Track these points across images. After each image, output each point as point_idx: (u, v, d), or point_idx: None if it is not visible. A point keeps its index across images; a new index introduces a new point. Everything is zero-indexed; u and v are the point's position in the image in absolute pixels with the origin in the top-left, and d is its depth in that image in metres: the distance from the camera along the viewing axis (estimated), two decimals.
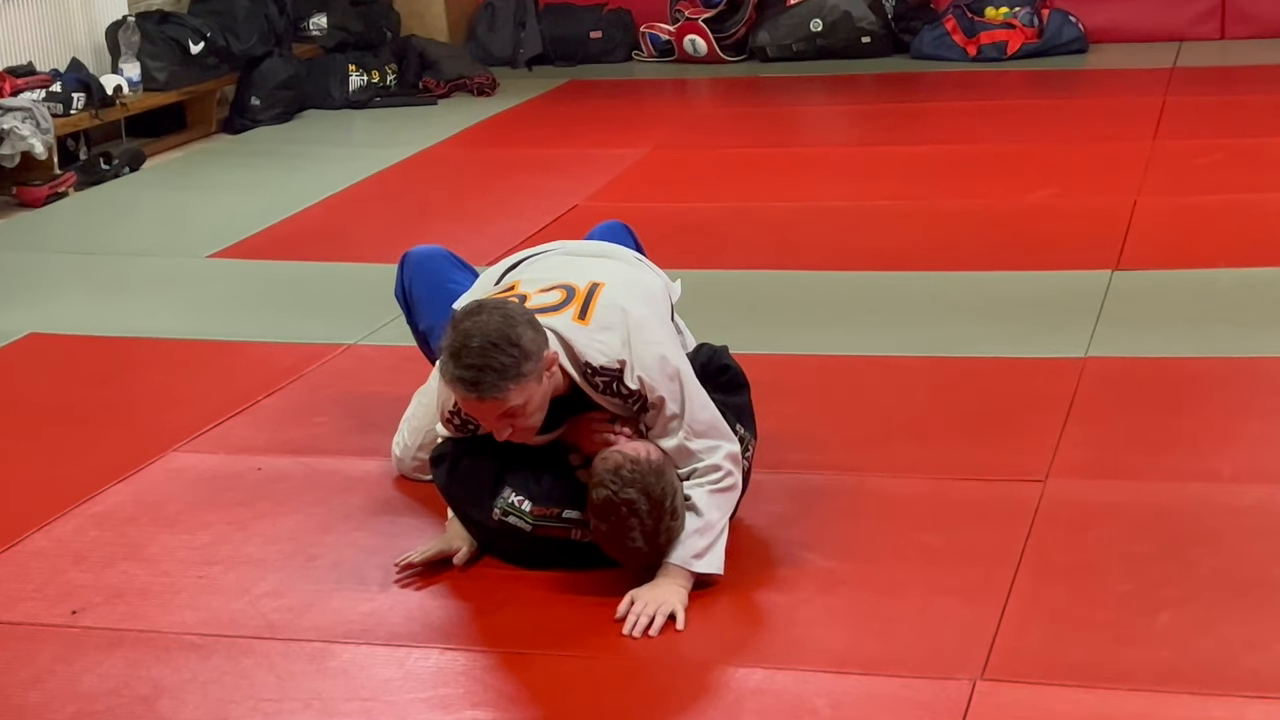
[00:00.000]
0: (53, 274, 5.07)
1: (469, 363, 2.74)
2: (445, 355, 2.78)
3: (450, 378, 2.77)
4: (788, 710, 2.52)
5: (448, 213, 5.50)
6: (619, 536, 2.79)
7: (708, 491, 2.89)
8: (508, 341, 2.75)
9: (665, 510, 2.78)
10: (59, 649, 2.78)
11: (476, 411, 2.81)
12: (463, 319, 2.80)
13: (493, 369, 2.73)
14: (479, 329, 2.76)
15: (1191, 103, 6.50)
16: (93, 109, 6.29)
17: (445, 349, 2.79)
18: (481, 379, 2.73)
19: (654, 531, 2.79)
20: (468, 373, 2.74)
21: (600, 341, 2.86)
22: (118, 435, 3.73)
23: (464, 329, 2.77)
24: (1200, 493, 3.16)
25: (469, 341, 2.75)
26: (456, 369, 2.75)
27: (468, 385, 2.75)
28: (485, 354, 2.73)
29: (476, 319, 2.78)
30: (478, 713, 2.54)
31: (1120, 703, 2.47)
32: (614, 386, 2.86)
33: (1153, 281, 4.41)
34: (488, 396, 2.75)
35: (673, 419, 2.89)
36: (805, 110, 7.17)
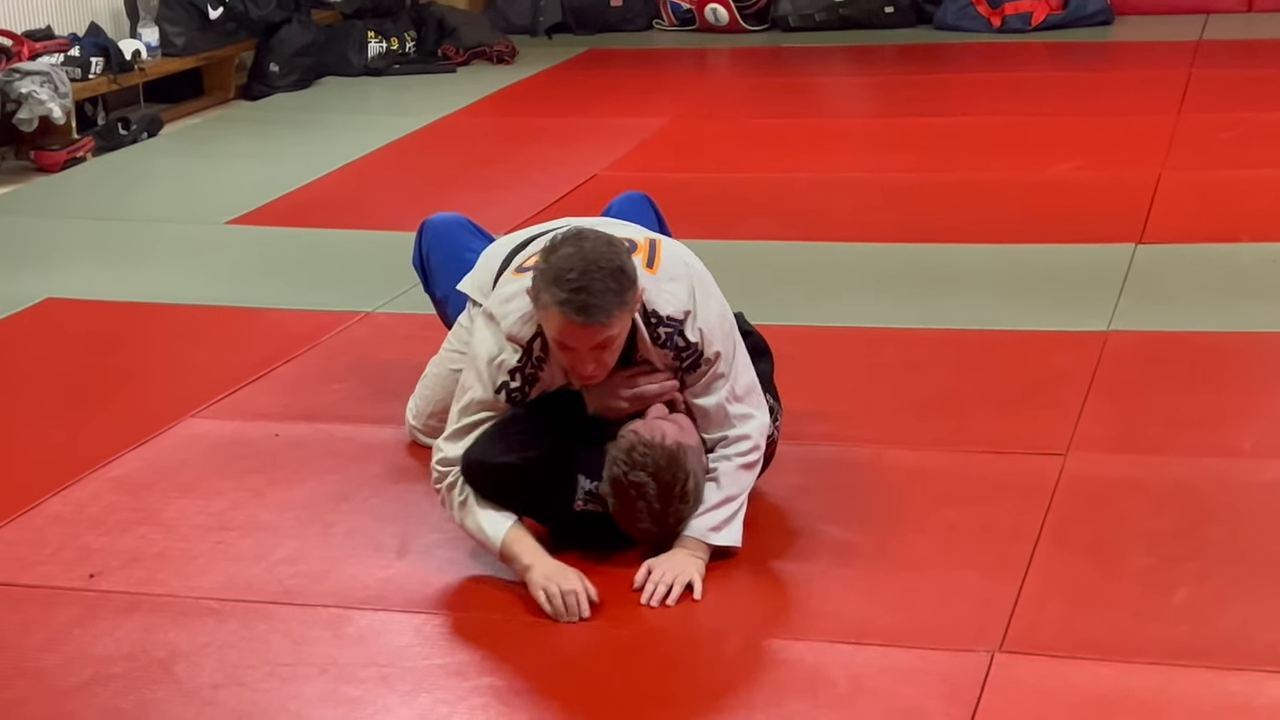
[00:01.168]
0: (70, 239, 5.07)
1: (579, 285, 2.66)
2: (546, 280, 2.69)
3: (554, 302, 2.67)
4: (805, 681, 2.51)
5: (466, 181, 5.48)
6: (628, 515, 2.78)
7: (735, 466, 2.87)
8: (615, 267, 2.70)
9: (674, 495, 2.76)
10: (76, 612, 2.78)
11: (575, 340, 2.71)
12: (563, 244, 2.72)
13: (603, 292, 2.67)
14: (587, 253, 2.69)
15: (1217, 76, 6.45)
16: (111, 74, 6.28)
17: (545, 274, 2.69)
18: (591, 302, 2.66)
19: (662, 514, 2.77)
20: (577, 296, 2.66)
21: (669, 291, 2.83)
22: (134, 401, 3.73)
23: (567, 254, 2.69)
24: (1221, 468, 3.14)
25: (576, 265, 2.67)
26: (564, 292, 2.67)
27: (576, 309, 2.67)
28: (594, 277, 2.67)
29: (581, 244, 2.71)
30: (494, 679, 2.53)
31: (1138, 677, 2.46)
32: (674, 338, 2.83)
33: (1176, 255, 4.38)
34: (594, 321, 2.68)
35: (719, 378, 2.87)
36: (827, 81, 7.13)
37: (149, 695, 2.52)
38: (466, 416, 2.85)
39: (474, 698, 2.49)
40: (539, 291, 2.73)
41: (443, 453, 2.85)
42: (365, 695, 2.50)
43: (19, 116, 5.81)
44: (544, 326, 2.76)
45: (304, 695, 2.51)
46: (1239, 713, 2.36)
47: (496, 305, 2.86)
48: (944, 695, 2.43)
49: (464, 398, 2.86)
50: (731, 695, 2.49)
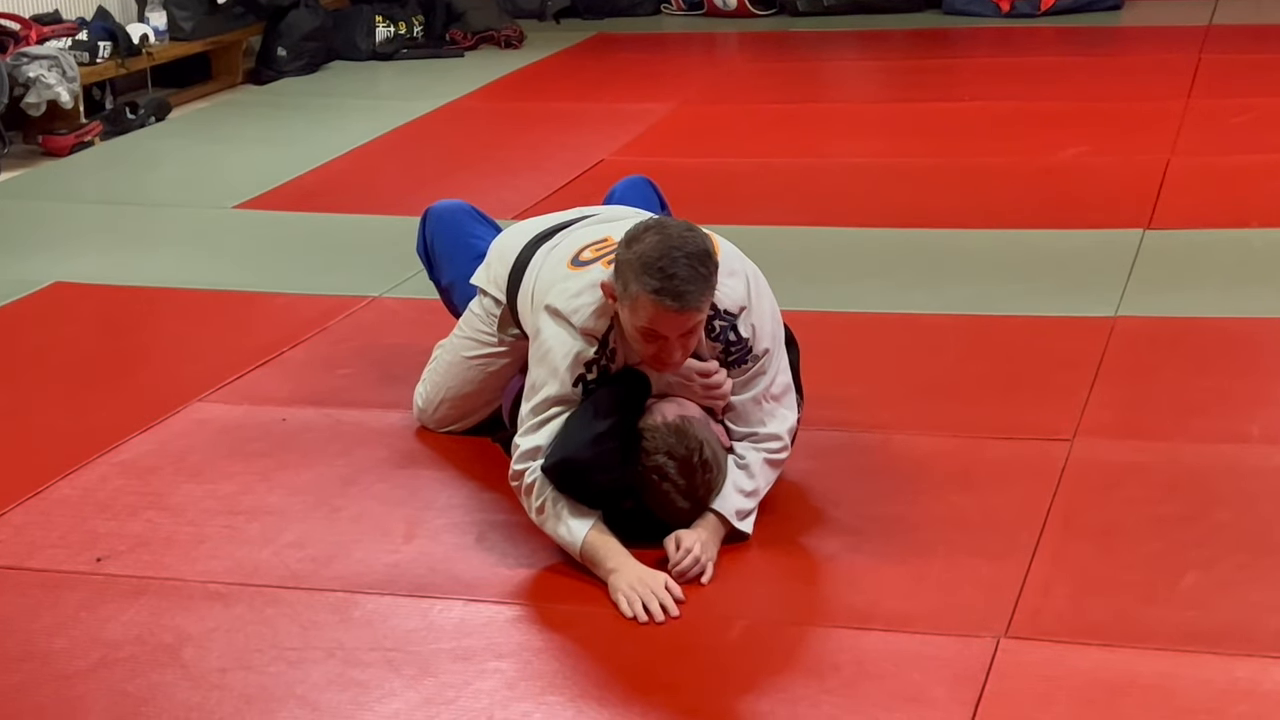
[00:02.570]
0: (78, 223, 5.07)
1: (671, 272, 2.67)
2: (635, 270, 2.69)
3: (648, 290, 2.68)
4: (811, 666, 2.52)
5: (474, 166, 5.48)
6: (660, 501, 2.79)
7: (763, 460, 2.89)
8: (702, 250, 2.72)
9: (695, 465, 2.78)
10: (83, 596, 2.79)
11: (668, 327, 2.72)
12: (646, 233, 2.73)
13: (694, 278, 2.69)
14: (673, 240, 2.71)
15: (1227, 61, 6.43)
16: (119, 58, 6.28)
17: (633, 264, 2.69)
18: (684, 289, 2.68)
19: (691, 487, 2.78)
20: (670, 283, 2.67)
21: (727, 285, 2.85)
22: (142, 385, 3.73)
23: (654, 242, 2.70)
24: (1229, 454, 3.13)
25: (666, 252, 2.69)
26: (656, 280, 2.67)
27: (672, 296, 2.68)
28: (683, 264, 2.68)
29: (665, 231, 2.73)
30: (500, 664, 2.54)
31: (1144, 662, 2.46)
32: (727, 332, 2.85)
33: (1185, 241, 4.37)
34: (689, 307, 2.70)
35: (760, 375, 2.89)
36: (835, 66, 7.11)
37: (156, 679, 2.53)
38: (541, 413, 2.83)
39: (480, 681, 2.49)
40: (627, 283, 2.72)
41: (520, 449, 2.83)
42: (372, 679, 2.50)
43: (27, 101, 5.81)
44: (630, 317, 2.75)
45: (311, 679, 2.51)
46: (1245, 698, 2.36)
47: (563, 301, 2.85)
48: (949, 680, 2.43)
49: (537, 396, 2.84)
50: (736, 680, 2.49)
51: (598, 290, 2.82)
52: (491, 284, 3.16)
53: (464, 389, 3.26)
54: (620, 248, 2.77)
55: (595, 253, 2.93)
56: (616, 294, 2.77)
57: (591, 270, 2.88)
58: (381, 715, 2.41)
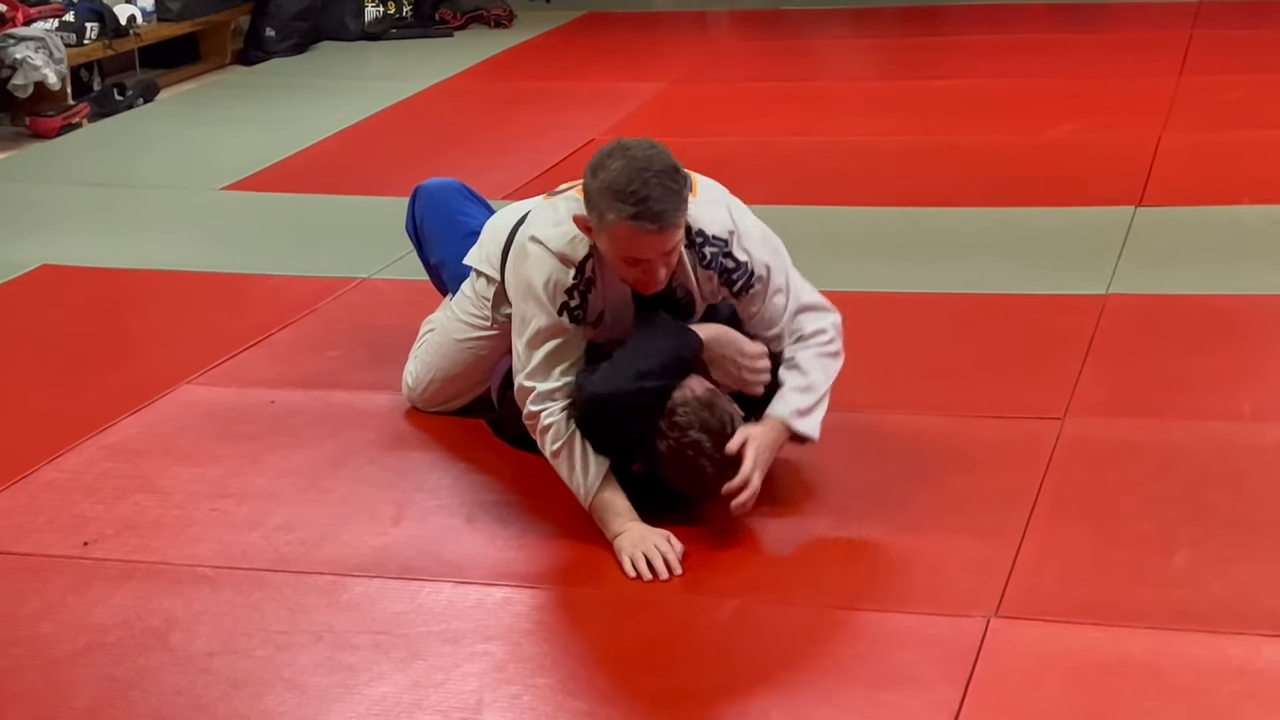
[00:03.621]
0: (65, 205, 5.05)
1: (644, 195, 2.64)
2: (607, 198, 2.66)
3: (624, 217, 2.65)
4: (802, 646, 2.51)
5: (463, 146, 5.46)
6: (694, 478, 2.79)
7: (814, 354, 2.86)
8: (670, 166, 2.69)
9: (728, 436, 2.77)
10: (70, 580, 2.78)
11: (648, 249, 2.69)
12: (609, 159, 2.69)
13: (667, 195, 2.66)
14: (640, 161, 2.67)
15: (1219, 37, 6.41)
16: (106, 39, 6.25)
17: (603, 192, 2.66)
18: (664, 209, 2.65)
19: (725, 459, 2.76)
20: (645, 205, 2.64)
21: (709, 213, 2.83)
22: (130, 367, 3.72)
23: (620, 167, 2.66)
24: (1220, 432, 3.13)
25: (634, 175, 2.65)
26: (631, 205, 2.64)
27: (651, 218, 2.65)
28: (654, 183, 2.65)
29: (629, 154, 2.69)
30: (489, 646, 2.53)
31: (1135, 641, 2.45)
32: (719, 259, 2.84)
33: (1176, 218, 4.36)
34: (668, 226, 2.67)
35: (777, 292, 2.88)
36: (826, 44, 7.09)
37: (143, 663, 2.52)
38: (538, 348, 2.80)
39: (469, 664, 2.48)
40: (602, 213, 2.69)
41: (535, 391, 2.80)
42: (360, 662, 2.49)
43: (14, 82, 5.79)
44: (610, 247, 2.72)
45: (299, 662, 2.50)
46: (1237, 676, 2.35)
47: (541, 229, 2.83)
48: (940, 660, 2.42)
49: (527, 330, 2.82)
50: (727, 661, 2.49)
51: (573, 215, 2.79)
52: (485, 262, 3.15)
53: (454, 370, 3.25)
54: (586, 177, 2.74)
55: (568, 183, 2.93)
56: (592, 225, 2.75)
57: (566, 199, 2.86)
58: (370, 698, 2.41)
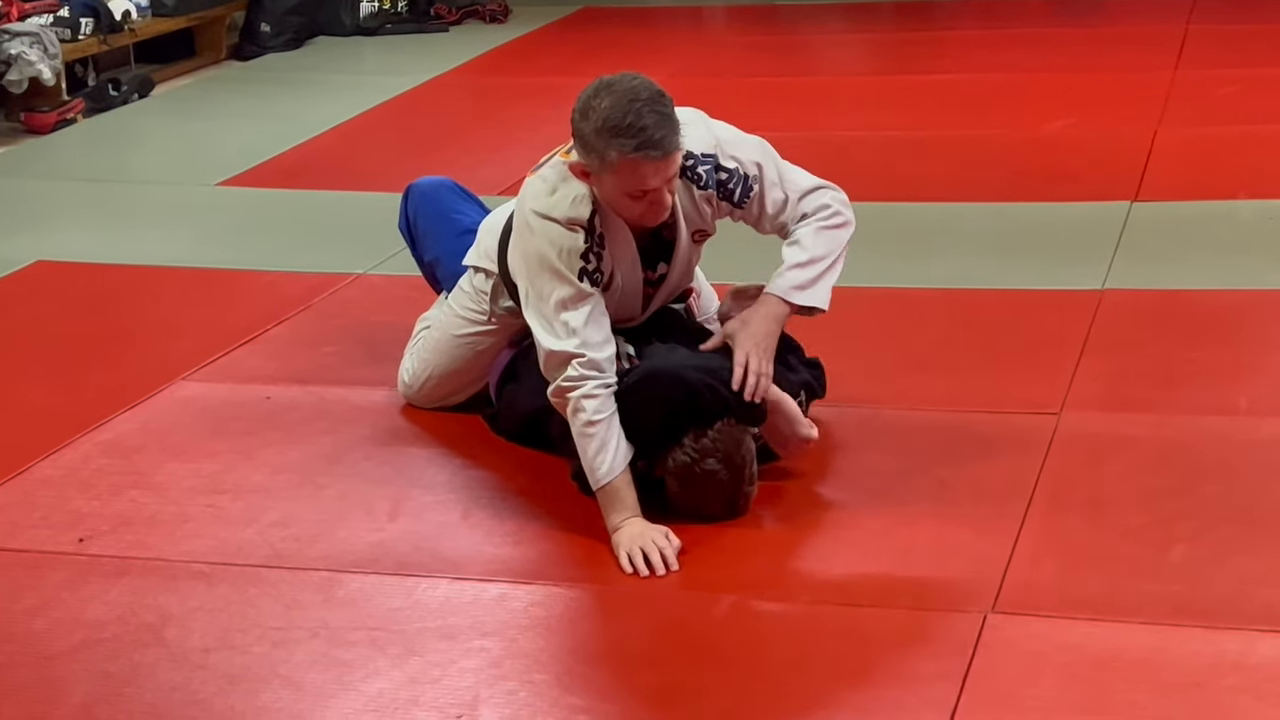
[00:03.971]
0: (60, 201, 5.05)
1: (646, 124, 2.64)
2: (606, 137, 2.65)
3: (630, 150, 2.65)
4: (798, 642, 2.51)
5: (459, 141, 5.45)
6: (695, 500, 2.79)
7: (815, 228, 2.87)
8: (656, 91, 2.70)
9: (744, 478, 2.79)
10: (66, 576, 2.77)
11: (656, 178, 2.69)
12: (595, 98, 2.68)
13: (664, 119, 2.66)
14: (625, 93, 2.67)
15: (1215, 31, 6.41)
16: (101, 34, 6.24)
17: (601, 132, 2.65)
18: (665, 135, 2.66)
19: (733, 498, 2.78)
20: (647, 134, 2.64)
21: (691, 133, 2.82)
22: (125, 364, 3.71)
23: (610, 103, 2.65)
24: (1216, 426, 3.13)
25: (628, 107, 2.65)
26: (633, 138, 2.64)
27: (654, 145, 2.65)
28: (648, 111, 2.65)
29: (613, 89, 2.68)
30: (485, 642, 2.52)
31: (1132, 636, 2.45)
32: (714, 174, 2.84)
33: (1172, 213, 4.36)
34: (672, 150, 2.68)
35: (773, 186, 2.88)
36: (822, 39, 7.09)
37: (139, 659, 2.52)
38: (560, 314, 2.76)
39: (465, 660, 2.48)
40: (603, 153, 2.68)
41: (581, 355, 2.74)
42: (356, 658, 2.49)
43: (8, 78, 5.77)
44: (616, 184, 2.71)
45: (295, 659, 2.50)
46: (1233, 671, 2.35)
47: (537, 202, 2.81)
48: (936, 655, 2.42)
49: (547, 303, 2.77)
50: (723, 657, 2.48)
51: (570, 181, 2.78)
52: (483, 258, 3.14)
53: (452, 366, 3.24)
54: (576, 121, 2.73)
55: (548, 155, 2.92)
56: (591, 169, 2.74)
57: (552, 165, 2.84)
58: (366, 694, 2.40)
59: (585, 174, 2.76)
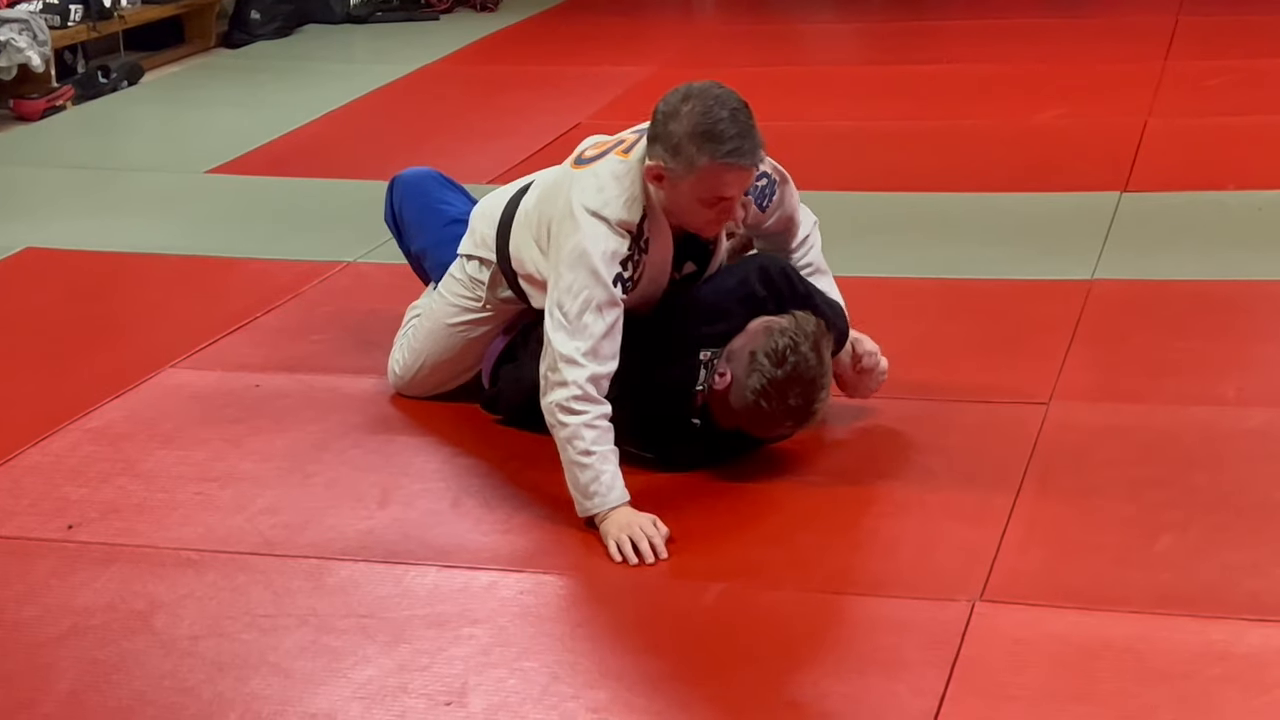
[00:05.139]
0: (49, 188, 5.03)
1: (735, 132, 2.69)
2: (699, 138, 2.68)
3: (720, 156, 2.68)
4: (786, 630, 2.51)
5: (448, 130, 5.44)
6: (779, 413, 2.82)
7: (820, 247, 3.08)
8: (743, 103, 2.75)
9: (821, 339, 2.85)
10: (54, 564, 2.77)
11: (738, 186, 2.75)
12: (684, 103, 2.71)
13: (751, 129, 2.72)
14: (723, 99, 2.72)
15: (1205, 23, 6.42)
16: (90, 21, 6.22)
17: (695, 131, 2.68)
18: (749, 144, 2.71)
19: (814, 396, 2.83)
20: (737, 142, 2.69)
21: None
22: (114, 351, 3.70)
23: (703, 109, 2.69)
24: (1205, 416, 3.13)
25: (720, 113, 2.69)
26: (725, 144, 2.68)
27: (743, 154, 2.70)
28: (740, 117, 2.71)
29: (705, 97, 2.72)
30: (475, 630, 2.53)
31: (1119, 625, 2.46)
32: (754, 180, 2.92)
33: (1161, 204, 4.36)
34: (756, 162, 2.75)
35: (790, 197, 3.02)
36: (812, 29, 7.08)
37: (128, 646, 2.51)
38: (593, 319, 2.73)
39: (454, 648, 2.48)
40: (690, 157, 2.70)
41: (586, 369, 2.71)
42: (345, 646, 2.49)
43: None
44: (694, 190, 2.74)
45: (284, 646, 2.50)
46: (1220, 660, 2.36)
47: (590, 198, 2.79)
48: (924, 644, 2.43)
49: (577, 299, 2.73)
50: (712, 645, 2.49)
51: (622, 181, 2.78)
52: (479, 246, 3.13)
53: (445, 355, 3.24)
54: (659, 125, 2.74)
55: (599, 149, 2.89)
56: (670, 173, 2.74)
57: (606, 162, 2.83)
58: (355, 682, 2.40)
59: (659, 177, 2.76)
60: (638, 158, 2.81)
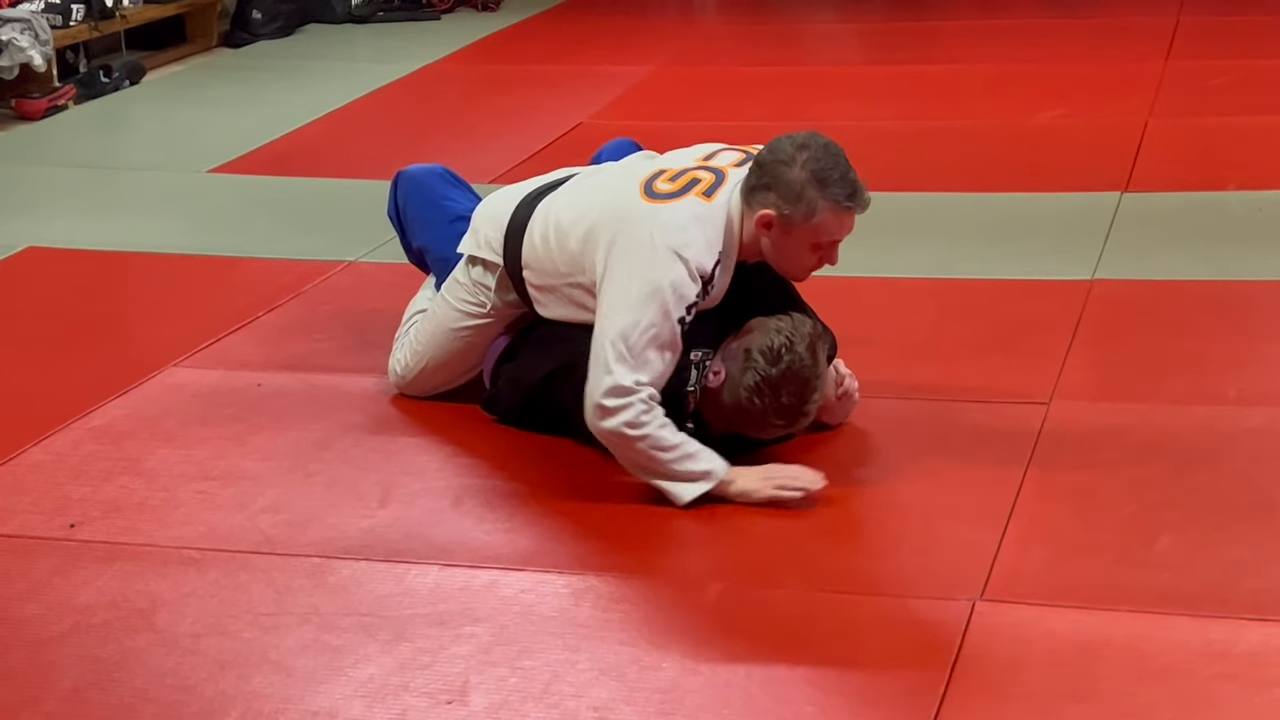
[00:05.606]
0: (51, 187, 5.04)
1: (851, 178, 2.81)
2: (819, 184, 2.78)
3: (839, 199, 2.79)
4: (786, 629, 2.51)
5: (450, 129, 5.45)
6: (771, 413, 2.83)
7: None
8: (844, 152, 2.85)
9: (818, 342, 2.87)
10: (56, 562, 2.78)
11: (846, 230, 2.85)
12: (800, 151, 2.80)
13: (857, 176, 2.82)
14: (830, 146, 2.82)
15: (1205, 23, 6.42)
16: (92, 21, 6.23)
17: (815, 178, 2.78)
18: (861, 189, 2.83)
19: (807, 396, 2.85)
20: (855, 187, 2.81)
21: None
22: (116, 350, 3.71)
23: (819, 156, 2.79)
24: (1205, 416, 3.14)
25: (834, 161, 2.80)
26: (843, 189, 2.80)
27: (858, 199, 2.82)
28: (846, 167, 2.82)
29: (816, 143, 2.81)
30: (476, 629, 2.53)
31: (1119, 624, 2.46)
32: None
33: (1162, 203, 4.37)
34: (867, 205, 2.85)
35: None
36: (813, 28, 7.09)
37: (129, 644, 2.52)
38: (649, 350, 2.77)
39: (455, 647, 2.48)
40: (811, 202, 2.79)
41: (647, 390, 2.77)
42: (347, 644, 2.50)
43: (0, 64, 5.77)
44: (807, 236, 2.83)
45: (285, 644, 2.50)
46: (1219, 659, 2.36)
47: (674, 236, 2.80)
48: (924, 644, 2.43)
49: (645, 337, 2.77)
50: (711, 644, 2.49)
51: (706, 225, 2.82)
52: (484, 249, 3.12)
53: (447, 357, 3.24)
54: (772, 172, 2.80)
55: (671, 184, 2.90)
56: (781, 220, 2.81)
57: (688, 203, 2.85)
58: (356, 680, 2.41)
59: (769, 224, 2.81)
60: (722, 202, 2.84)
